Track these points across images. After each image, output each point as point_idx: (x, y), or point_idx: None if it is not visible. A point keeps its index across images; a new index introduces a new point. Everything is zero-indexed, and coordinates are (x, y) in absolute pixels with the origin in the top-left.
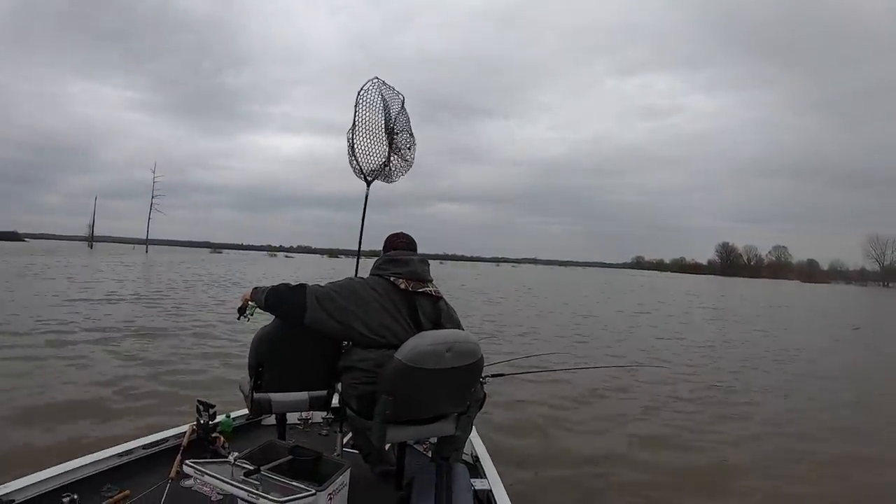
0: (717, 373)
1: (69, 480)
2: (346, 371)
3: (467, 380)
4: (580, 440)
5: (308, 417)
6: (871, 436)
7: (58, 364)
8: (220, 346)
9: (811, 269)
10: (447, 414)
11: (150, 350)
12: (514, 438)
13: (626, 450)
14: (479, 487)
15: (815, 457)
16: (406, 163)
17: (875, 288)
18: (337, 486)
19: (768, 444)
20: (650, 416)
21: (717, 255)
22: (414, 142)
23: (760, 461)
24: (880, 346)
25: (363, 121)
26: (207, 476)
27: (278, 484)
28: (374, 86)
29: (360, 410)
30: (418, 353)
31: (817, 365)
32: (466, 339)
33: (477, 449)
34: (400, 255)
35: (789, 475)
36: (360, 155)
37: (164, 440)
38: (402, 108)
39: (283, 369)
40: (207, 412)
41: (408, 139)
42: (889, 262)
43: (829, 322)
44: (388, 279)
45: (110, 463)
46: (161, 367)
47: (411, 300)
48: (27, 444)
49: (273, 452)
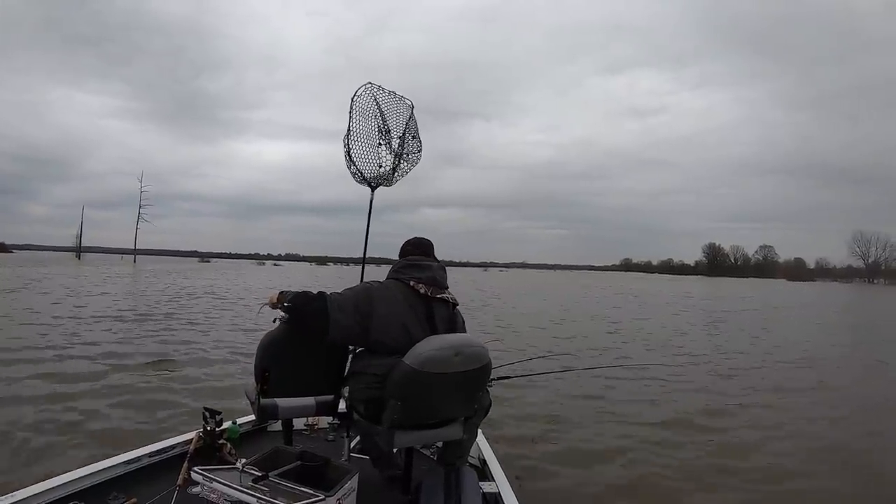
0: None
1: (76, 489)
2: (356, 376)
3: (475, 384)
4: (588, 442)
5: (314, 423)
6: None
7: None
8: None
9: (798, 267)
10: (455, 418)
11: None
12: (521, 441)
13: (637, 452)
14: (488, 490)
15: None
16: (410, 166)
17: (860, 285)
18: (345, 491)
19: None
20: (660, 415)
21: (704, 255)
22: (421, 146)
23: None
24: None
25: (359, 127)
26: (216, 483)
27: (287, 490)
28: (366, 91)
29: (368, 415)
30: (426, 357)
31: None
32: (474, 344)
33: (484, 452)
34: (420, 260)
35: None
36: (359, 161)
37: (170, 447)
38: (412, 114)
39: (290, 374)
40: (214, 419)
41: (417, 144)
42: (873, 259)
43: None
44: (408, 283)
45: (117, 471)
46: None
47: (429, 305)
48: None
49: (281, 458)
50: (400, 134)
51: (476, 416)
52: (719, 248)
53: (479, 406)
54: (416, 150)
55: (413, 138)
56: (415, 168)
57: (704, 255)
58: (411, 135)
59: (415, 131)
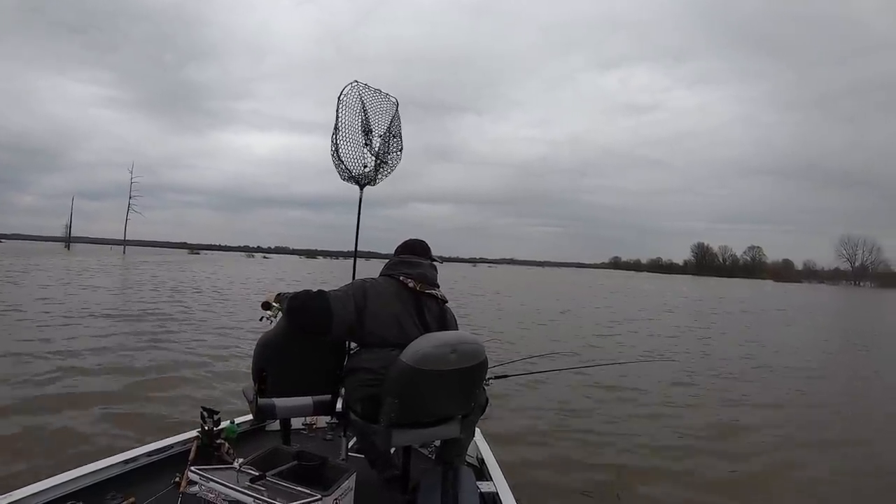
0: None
1: (74, 489)
2: (352, 373)
3: (472, 381)
4: (587, 441)
5: (312, 422)
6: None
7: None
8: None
9: (785, 268)
10: (452, 416)
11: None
12: (519, 440)
13: (637, 451)
14: (485, 490)
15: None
16: (389, 167)
17: (847, 287)
18: (342, 490)
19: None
20: (659, 416)
21: (693, 255)
22: (402, 145)
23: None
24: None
25: (346, 126)
26: (213, 482)
27: (284, 489)
28: (353, 89)
29: (365, 414)
30: (423, 354)
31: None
32: (470, 341)
33: (482, 451)
34: (411, 258)
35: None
36: (347, 160)
37: (168, 447)
38: (397, 112)
39: (287, 374)
40: (212, 418)
41: (398, 143)
42: (860, 263)
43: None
44: (398, 279)
45: (115, 471)
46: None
47: (419, 300)
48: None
49: (278, 458)
50: (381, 133)
51: (473, 414)
52: (708, 247)
53: (476, 404)
54: (396, 149)
55: (394, 137)
56: (398, 166)
57: (693, 254)
58: (392, 134)
59: (396, 130)
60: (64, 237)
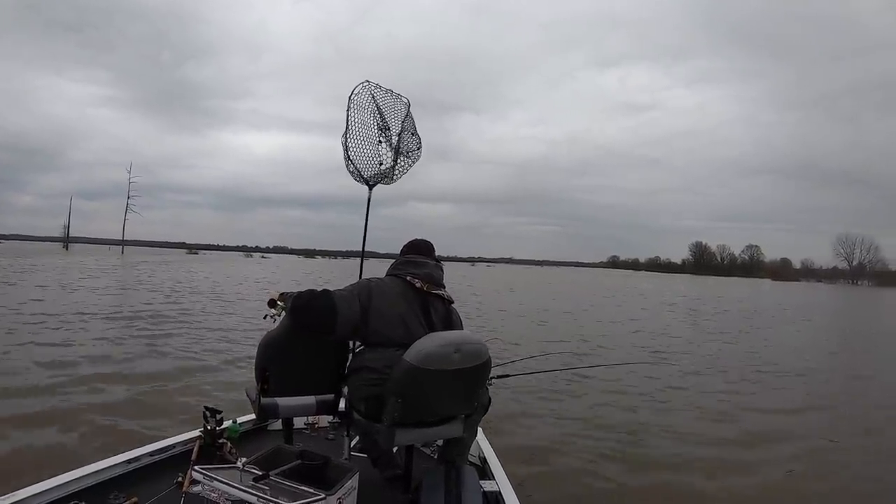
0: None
1: (76, 488)
2: (355, 372)
3: (475, 381)
4: (589, 441)
5: (315, 422)
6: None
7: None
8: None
9: (783, 267)
10: (455, 416)
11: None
12: (521, 440)
13: (637, 452)
14: (488, 489)
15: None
16: (411, 162)
17: (844, 286)
18: (346, 490)
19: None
20: (661, 415)
21: (691, 254)
22: (420, 143)
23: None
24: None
25: (357, 125)
26: (216, 482)
27: (287, 489)
28: (364, 89)
29: (368, 413)
30: (426, 354)
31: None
32: (474, 341)
33: (485, 450)
34: (417, 258)
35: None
36: (357, 159)
37: (171, 447)
38: (409, 112)
39: (290, 373)
40: (214, 418)
41: (416, 140)
42: (857, 261)
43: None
44: (405, 279)
45: (117, 470)
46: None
47: (425, 300)
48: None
49: (281, 457)
50: (398, 131)
51: (476, 414)
52: (706, 246)
53: (478, 403)
54: (415, 146)
55: (412, 135)
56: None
57: (691, 253)
58: (409, 132)
59: (413, 129)
60: (62, 237)
